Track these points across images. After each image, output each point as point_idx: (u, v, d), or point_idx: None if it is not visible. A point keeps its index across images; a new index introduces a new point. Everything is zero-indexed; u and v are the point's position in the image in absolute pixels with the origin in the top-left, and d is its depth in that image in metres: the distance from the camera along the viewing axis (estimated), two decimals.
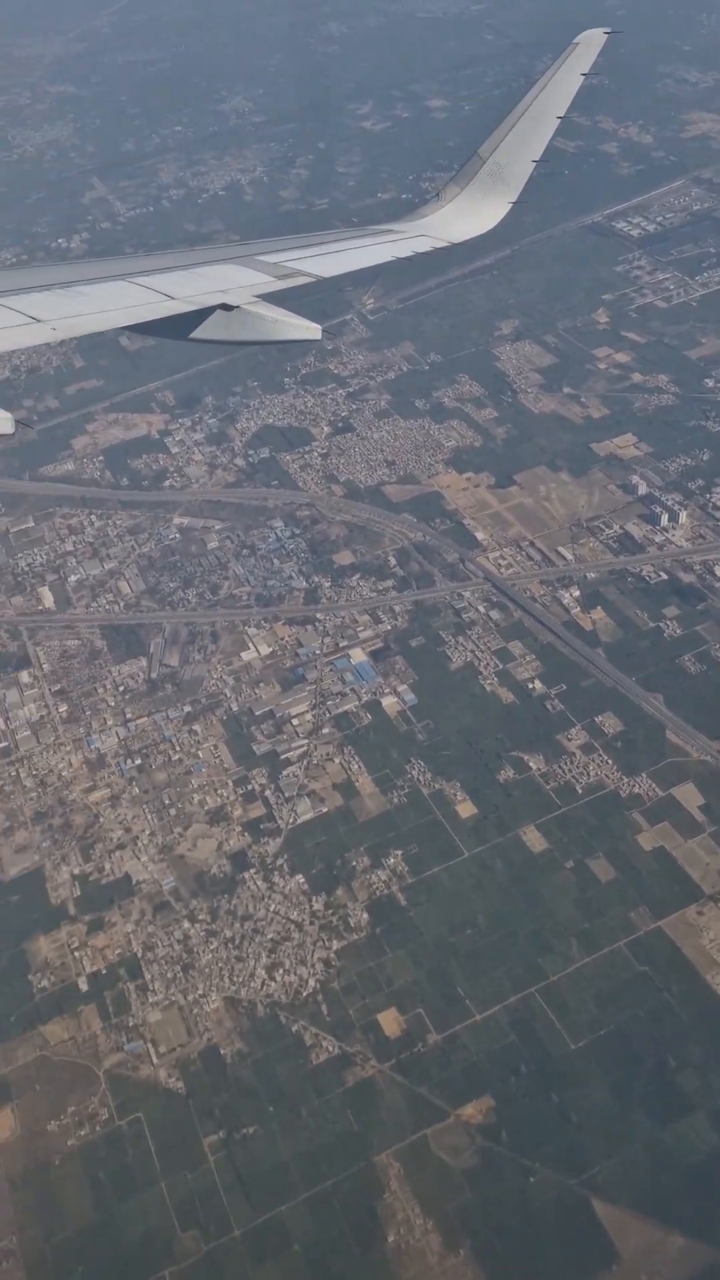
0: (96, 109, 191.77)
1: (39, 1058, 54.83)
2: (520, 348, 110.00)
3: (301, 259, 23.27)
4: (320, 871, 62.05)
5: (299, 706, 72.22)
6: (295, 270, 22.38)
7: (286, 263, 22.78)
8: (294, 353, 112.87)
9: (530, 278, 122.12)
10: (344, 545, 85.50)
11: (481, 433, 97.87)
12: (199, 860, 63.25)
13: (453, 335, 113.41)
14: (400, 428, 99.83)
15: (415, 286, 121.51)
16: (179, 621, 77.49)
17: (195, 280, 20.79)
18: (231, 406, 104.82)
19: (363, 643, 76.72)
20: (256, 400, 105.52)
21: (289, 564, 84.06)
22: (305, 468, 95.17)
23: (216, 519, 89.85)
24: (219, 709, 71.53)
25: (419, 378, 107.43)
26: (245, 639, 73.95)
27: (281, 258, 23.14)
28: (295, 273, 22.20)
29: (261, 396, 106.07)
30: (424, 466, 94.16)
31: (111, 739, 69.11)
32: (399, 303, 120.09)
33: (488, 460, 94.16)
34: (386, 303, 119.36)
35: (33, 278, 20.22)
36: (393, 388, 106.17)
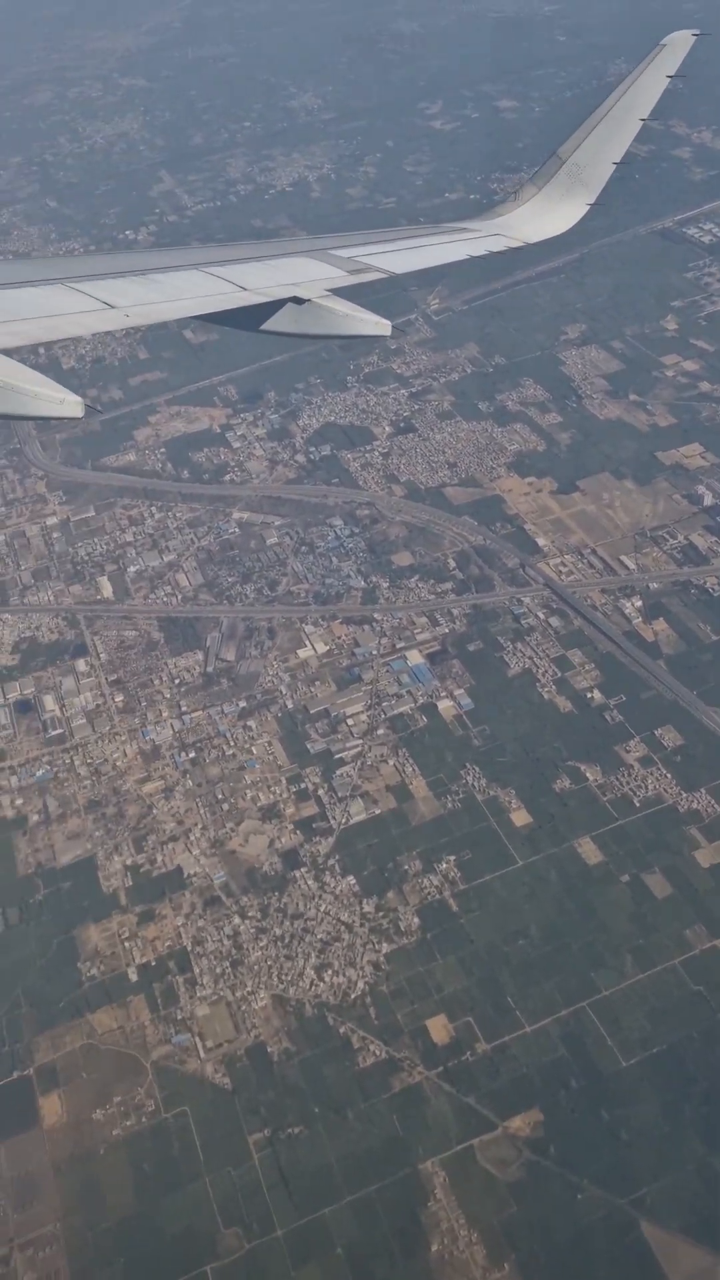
0: (166, 102, 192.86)
1: (86, 1045, 55.09)
2: (586, 353, 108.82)
3: (374, 255, 23.07)
4: (372, 873, 61.67)
5: (354, 706, 71.87)
6: (367, 266, 22.27)
7: (359, 258, 22.64)
8: (357, 350, 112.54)
9: (598, 282, 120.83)
10: (403, 546, 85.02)
11: (545, 437, 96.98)
12: (250, 856, 63.18)
13: (518, 338, 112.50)
14: (463, 430, 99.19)
15: (480, 288, 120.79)
16: (236, 616, 77.00)
17: (268, 272, 20.79)
18: (294, 403, 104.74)
19: (420, 645, 76.13)
20: (319, 397, 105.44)
21: (347, 563, 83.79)
22: (366, 466, 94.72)
23: (276, 515, 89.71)
24: (274, 706, 70.89)
25: (483, 380, 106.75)
26: (302, 636, 73.78)
27: (354, 253, 22.99)
28: (367, 268, 22.11)
29: (324, 394, 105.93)
30: (486, 470, 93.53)
31: (166, 731, 69.00)
32: (464, 303, 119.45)
33: (551, 465, 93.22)
34: (451, 303, 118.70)
35: (108, 264, 20.41)
36: (456, 389, 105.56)
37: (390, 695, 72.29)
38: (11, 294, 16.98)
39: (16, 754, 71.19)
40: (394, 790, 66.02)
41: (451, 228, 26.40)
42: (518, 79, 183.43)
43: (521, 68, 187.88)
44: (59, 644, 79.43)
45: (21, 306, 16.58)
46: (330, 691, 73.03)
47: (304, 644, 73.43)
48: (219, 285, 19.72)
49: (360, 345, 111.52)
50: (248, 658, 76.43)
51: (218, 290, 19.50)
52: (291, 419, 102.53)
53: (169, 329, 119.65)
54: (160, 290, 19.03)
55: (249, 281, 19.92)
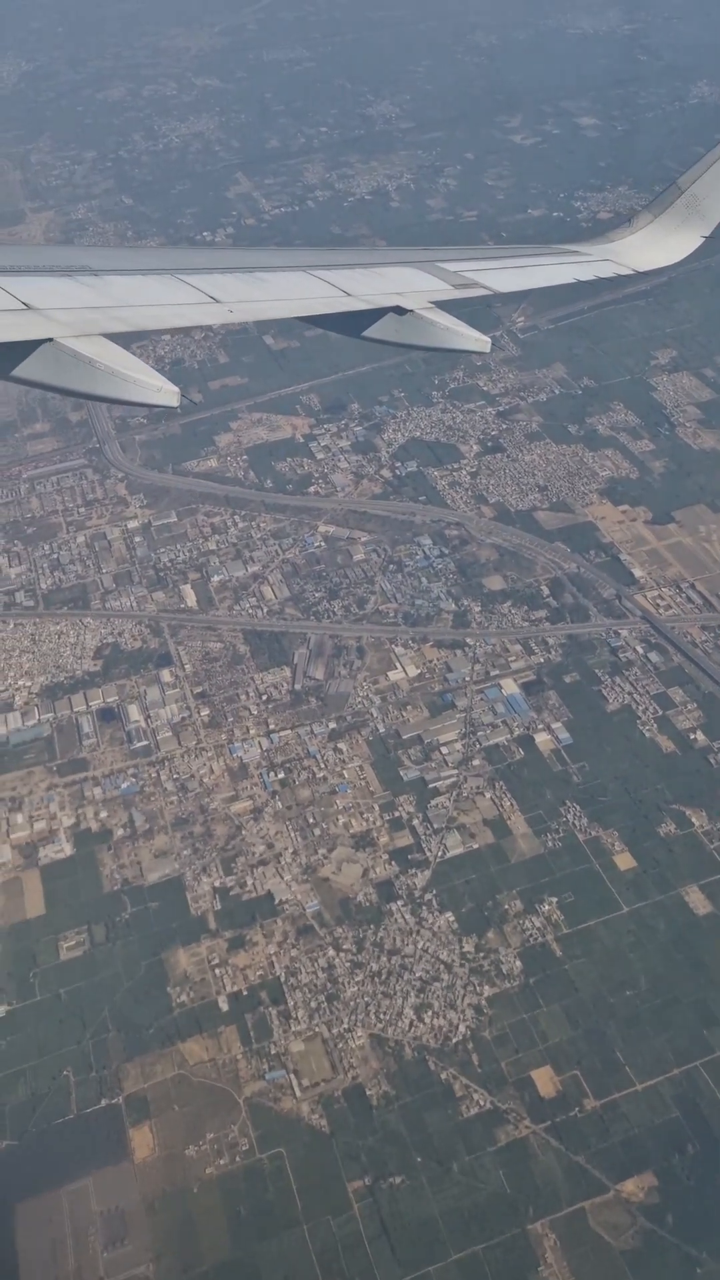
0: (241, 104, 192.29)
1: (178, 1076, 53.54)
2: (678, 379, 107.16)
3: (480, 270, 22.95)
4: (470, 911, 60.03)
5: (448, 734, 70.35)
6: (473, 281, 22.20)
7: (464, 272, 22.59)
8: (442, 365, 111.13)
9: (688, 306, 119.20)
10: (494, 570, 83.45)
11: (638, 465, 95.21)
12: (344, 885, 61.50)
13: (606, 361, 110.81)
14: (552, 452, 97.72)
15: (567, 307, 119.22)
16: (324, 633, 75.33)
17: (372, 280, 20.77)
18: (378, 416, 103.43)
19: (514, 673, 74.53)
20: (404, 412, 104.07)
21: (437, 584, 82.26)
22: (453, 485, 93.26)
23: (362, 530, 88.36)
24: (364, 728, 69.12)
25: (571, 402, 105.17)
26: (392, 658, 72.20)
27: (459, 267, 22.93)
28: (472, 284, 22.06)
29: (409, 408, 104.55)
30: (578, 495, 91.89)
31: (254, 749, 67.37)
32: (550, 322, 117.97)
33: (645, 494, 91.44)
34: (537, 321, 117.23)
35: (214, 259, 20.46)
36: (544, 410, 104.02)
37: (485, 724, 70.63)
38: (121, 280, 16.98)
39: (100, 764, 69.79)
40: (491, 825, 64.32)
41: (560, 249, 26.23)
42: (598, 97, 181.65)
43: (602, 86, 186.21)
44: (142, 652, 78.07)
45: (130, 294, 16.63)
46: (423, 717, 71.39)
47: (394, 666, 71.90)
48: (323, 289, 19.70)
49: (445, 360, 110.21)
50: (336, 677, 74.85)
51: (322, 294, 19.47)
52: (376, 432, 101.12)
53: (249, 334, 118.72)
54: (264, 289, 18.90)
55: (353, 288, 19.92)
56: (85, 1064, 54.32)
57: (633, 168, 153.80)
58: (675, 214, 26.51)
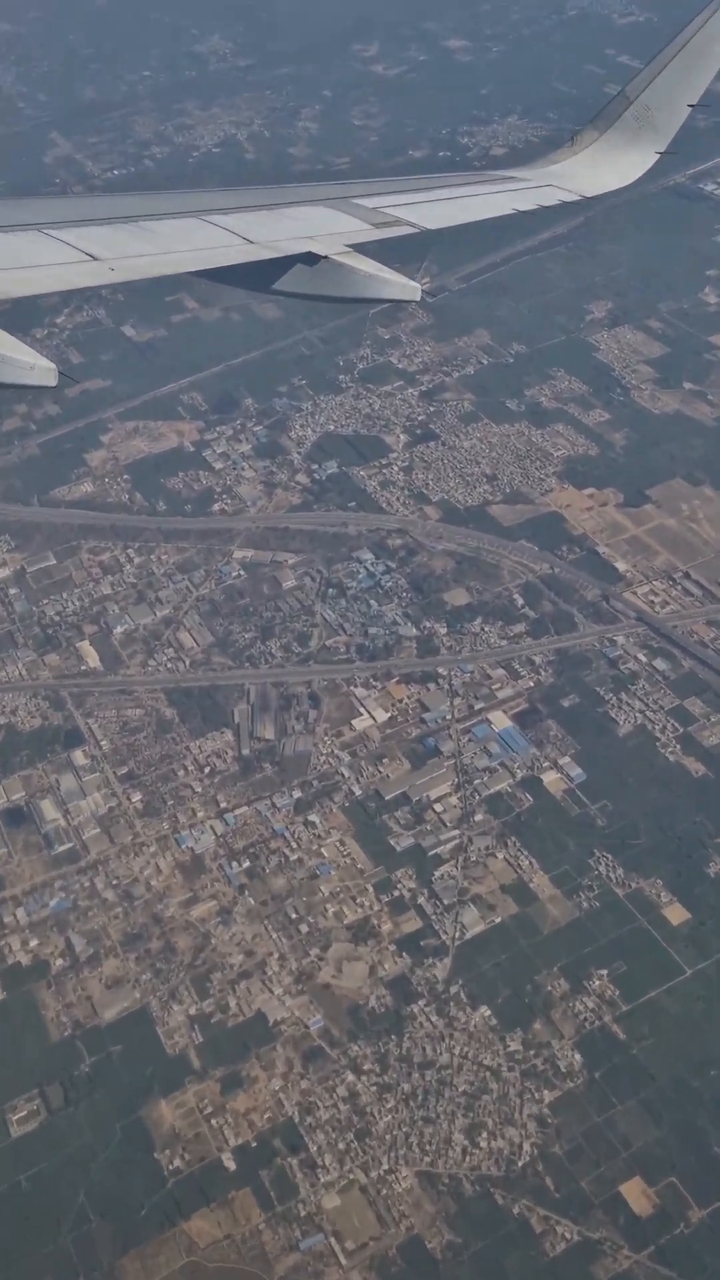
0: (42, 50, 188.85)
1: (188, 1265, 50.52)
2: (621, 335, 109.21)
3: (404, 205, 23.52)
4: (508, 1000, 58.77)
5: (439, 787, 69.00)
6: (395, 219, 22.88)
7: (385, 209, 23.24)
8: (344, 344, 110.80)
9: (615, 251, 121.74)
10: (454, 581, 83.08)
11: (595, 439, 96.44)
12: (350, 990, 59.61)
13: (535, 321, 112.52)
14: (494, 434, 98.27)
15: (478, 262, 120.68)
16: (265, 682, 73.87)
17: (279, 223, 21.20)
18: (279, 410, 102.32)
19: (503, 704, 74.08)
20: (309, 403, 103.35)
21: (390, 606, 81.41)
22: (386, 485, 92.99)
23: (288, 551, 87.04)
24: (337, 793, 67.51)
25: (504, 373, 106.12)
26: (354, 702, 71.94)
27: (379, 202, 23.52)
28: (395, 221, 22.77)
29: (314, 398, 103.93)
30: (533, 481, 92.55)
31: (207, 836, 65.26)
32: (460, 282, 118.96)
33: (610, 473, 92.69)
34: (445, 281, 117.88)
35: (92, 209, 20.74)
36: (474, 385, 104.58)
37: (480, 770, 69.91)
38: None
39: (18, 879, 66.22)
40: (512, 891, 63.47)
41: (493, 176, 26.69)
42: (464, 14, 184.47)
43: (468, 1, 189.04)
44: (44, 731, 74.84)
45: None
46: (404, 770, 70.18)
47: (358, 712, 71.68)
48: (221, 237, 20.06)
49: (347, 338, 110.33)
50: (291, 734, 73.13)
51: (220, 243, 19.83)
52: (280, 430, 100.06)
53: (102, 325, 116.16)
54: (151, 241, 19.13)
55: (257, 233, 20.38)
56: (69, 1268, 50.70)
57: (519, 94, 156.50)
58: (624, 128, 27.43)
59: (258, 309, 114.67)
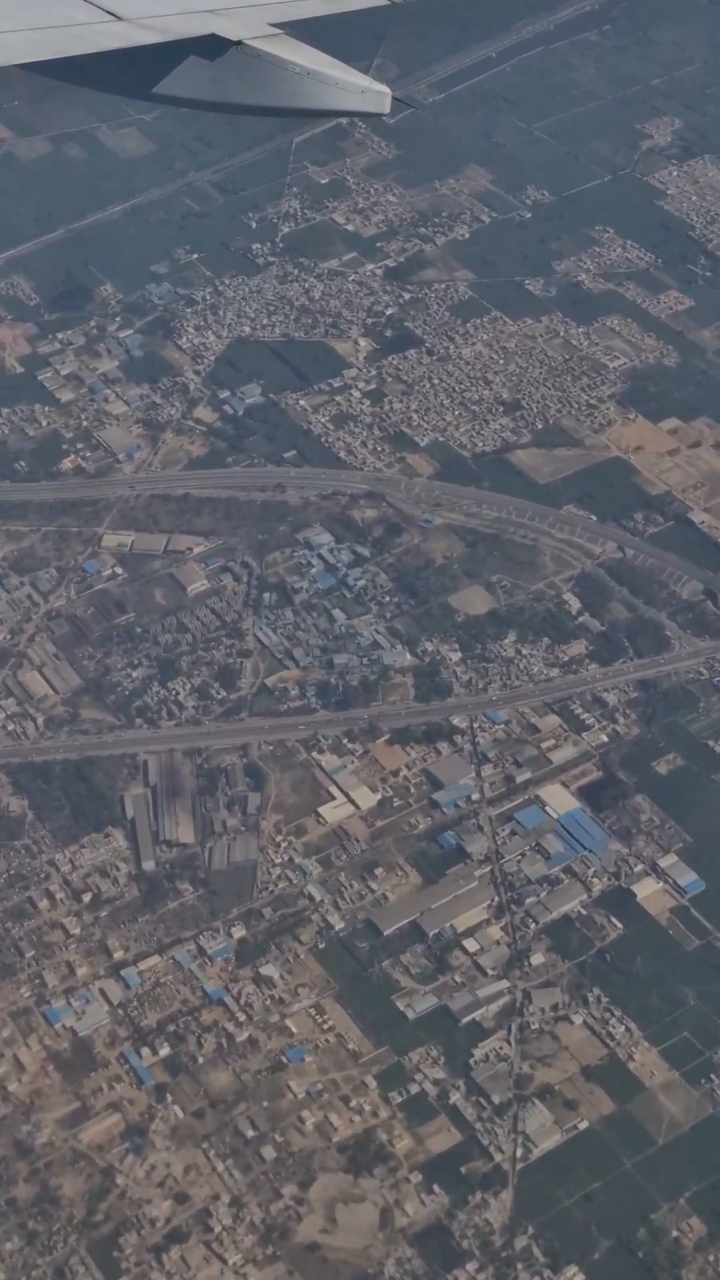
0: None
1: None
2: (697, 170, 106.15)
3: None
4: (608, 1256, 54.48)
5: (470, 912, 64.80)
6: None
7: None
8: (256, 197, 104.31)
9: (679, 36, 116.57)
10: (466, 575, 78.24)
11: (671, 339, 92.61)
12: (351, 1253, 55.03)
13: (561, 151, 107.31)
14: (509, 335, 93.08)
15: (462, 57, 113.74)
16: (172, 750, 71.34)
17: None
18: (159, 302, 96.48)
19: (562, 772, 69.70)
20: (206, 290, 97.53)
21: (366, 618, 76.59)
22: (342, 421, 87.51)
23: (191, 534, 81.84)
24: (305, 928, 63.75)
25: (517, 237, 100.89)
26: (320, 778, 69.10)
27: None
28: None
29: (214, 282, 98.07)
30: (579, 410, 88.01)
31: (96, 1008, 61.45)
32: (435, 90, 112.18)
33: (700, 395, 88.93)
34: (410, 87, 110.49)
35: None
36: (470, 257, 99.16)
37: (534, 882, 65.83)
38: None
39: None
40: (601, 1077, 59.43)
41: None
42: None
43: None
44: None
45: None
46: (411, 887, 66.08)
47: (328, 793, 69.08)
48: (76, 10, 20.42)
49: (261, 183, 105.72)
50: (221, 834, 68.29)
51: (73, 19, 20.17)
52: (164, 335, 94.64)
53: None
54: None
55: (130, 5, 20.75)
56: None
57: None
58: None
59: (111, 138, 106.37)
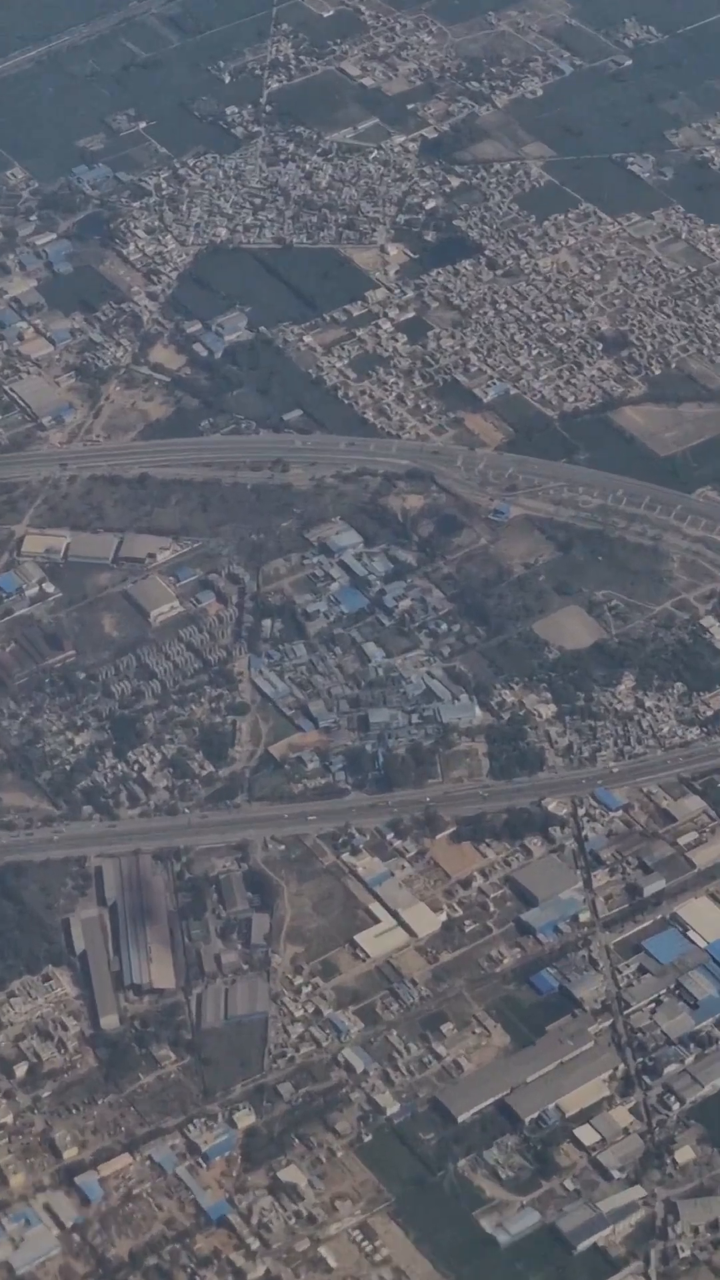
0: None
1: None
2: None
3: None
4: None
5: (581, 1087, 63.11)
6: None
7: None
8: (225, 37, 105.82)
9: None
10: (555, 589, 74.11)
11: None
12: None
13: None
14: (609, 238, 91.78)
15: None
16: (137, 851, 67.62)
17: None
18: (92, 193, 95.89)
19: (710, 879, 67.43)
20: (163, 173, 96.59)
21: (416, 655, 72.45)
22: (368, 364, 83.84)
23: (154, 532, 78.05)
24: (339, 1113, 61.44)
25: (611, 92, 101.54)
26: (353, 891, 65.91)
27: None
28: None
29: (175, 162, 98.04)
30: (715, 346, 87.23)
31: (40, 1235, 60.45)
32: None
33: None
34: None
35: None
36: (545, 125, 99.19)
37: (674, 1042, 66.05)
38: None
39: None
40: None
41: None
42: None
43: None
44: None
45: None
46: (494, 1051, 63.94)
47: (367, 914, 67.10)
48: None
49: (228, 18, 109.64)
50: (213, 975, 65.57)
51: None
52: (105, 241, 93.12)
53: None
54: None
55: None
56: None
57: None
58: None
59: None
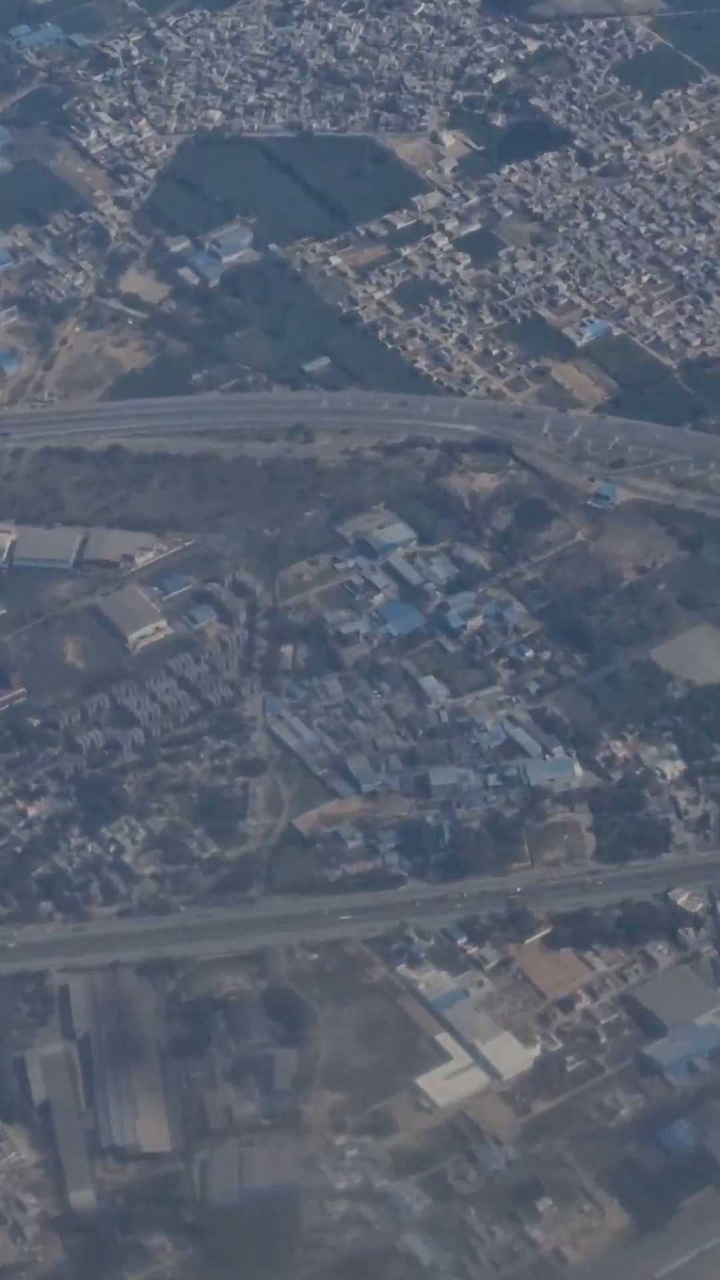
0: None
1: None
2: None
3: None
4: None
5: None
6: None
7: None
8: None
9: None
10: (681, 602, 71.69)
11: None
12: None
13: None
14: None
15: None
16: (116, 964, 63.39)
17: None
18: (37, 62, 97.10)
19: None
20: (135, 34, 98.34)
21: (491, 694, 69.44)
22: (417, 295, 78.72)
23: (132, 526, 75.38)
24: None
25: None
26: (412, 1017, 62.15)
27: None
28: None
29: (150, 18, 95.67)
30: None
31: None
32: None
33: None
34: None
35: None
36: None
37: None
38: None
39: None
40: None
41: None
42: None
43: None
44: None
45: None
46: (610, 1236, 59.88)
47: (432, 1046, 61.33)
48: None
49: None
50: (222, 1133, 60.57)
51: None
52: (56, 129, 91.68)
53: None
54: None
55: None
56: None
57: None
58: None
59: None
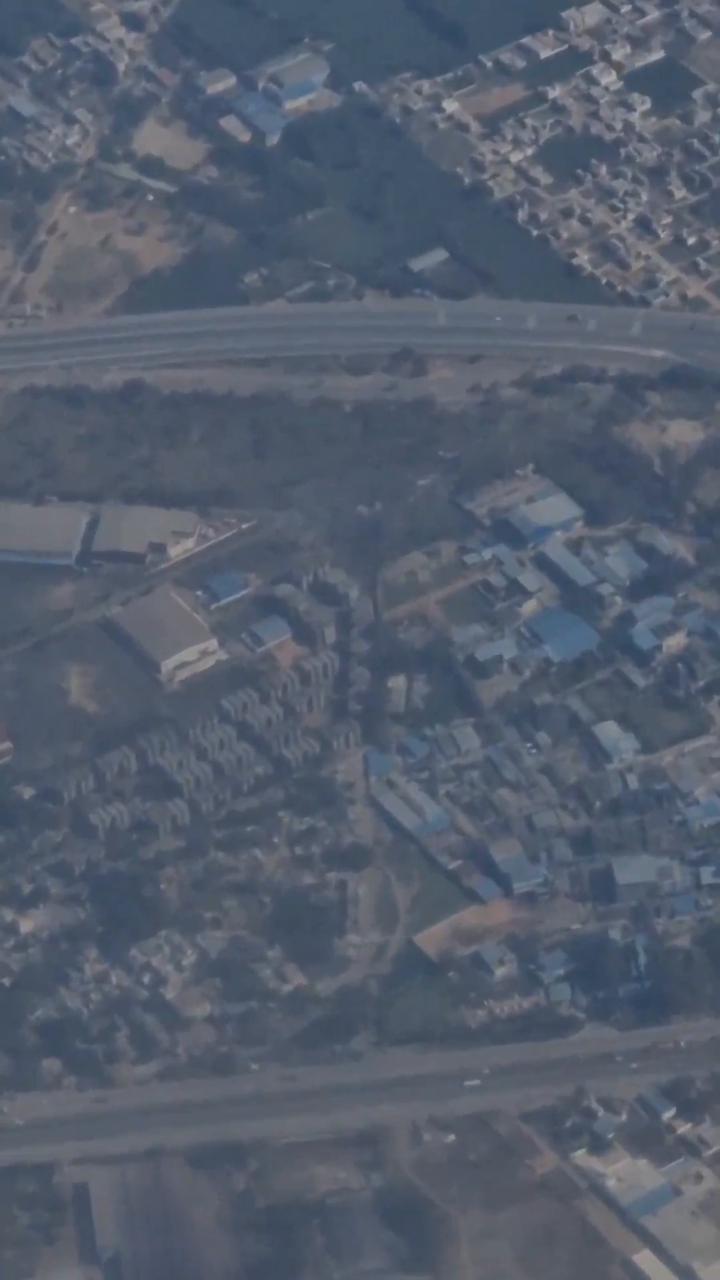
0: None
1: None
2: None
3: None
4: None
5: None
6: None
7: None
8: None
9: None
10: None
11: None
12: None
13: None
14: None
15: None
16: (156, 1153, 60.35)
17: None
18: None
19: None
20: None
21: (702, 746, 69.23)
22: (568, 157, 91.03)
23: (157, 501, 75.61)
24: None
25: None
26: (588, 1220, 61.26)
27: None
28: None
29: None
30: None
31: None
32: None
33: None
34: None
35: None
36: None
37: None
38: None
39: None
40: None
41: None
42: None
43: None
44: None
45: None
46: None
47: (618, 1271, 61.01)
48: None
49: None
50: None
51: None
52: None
53: None
54: None
55: None
56: None
57: None
58: None
59: None
